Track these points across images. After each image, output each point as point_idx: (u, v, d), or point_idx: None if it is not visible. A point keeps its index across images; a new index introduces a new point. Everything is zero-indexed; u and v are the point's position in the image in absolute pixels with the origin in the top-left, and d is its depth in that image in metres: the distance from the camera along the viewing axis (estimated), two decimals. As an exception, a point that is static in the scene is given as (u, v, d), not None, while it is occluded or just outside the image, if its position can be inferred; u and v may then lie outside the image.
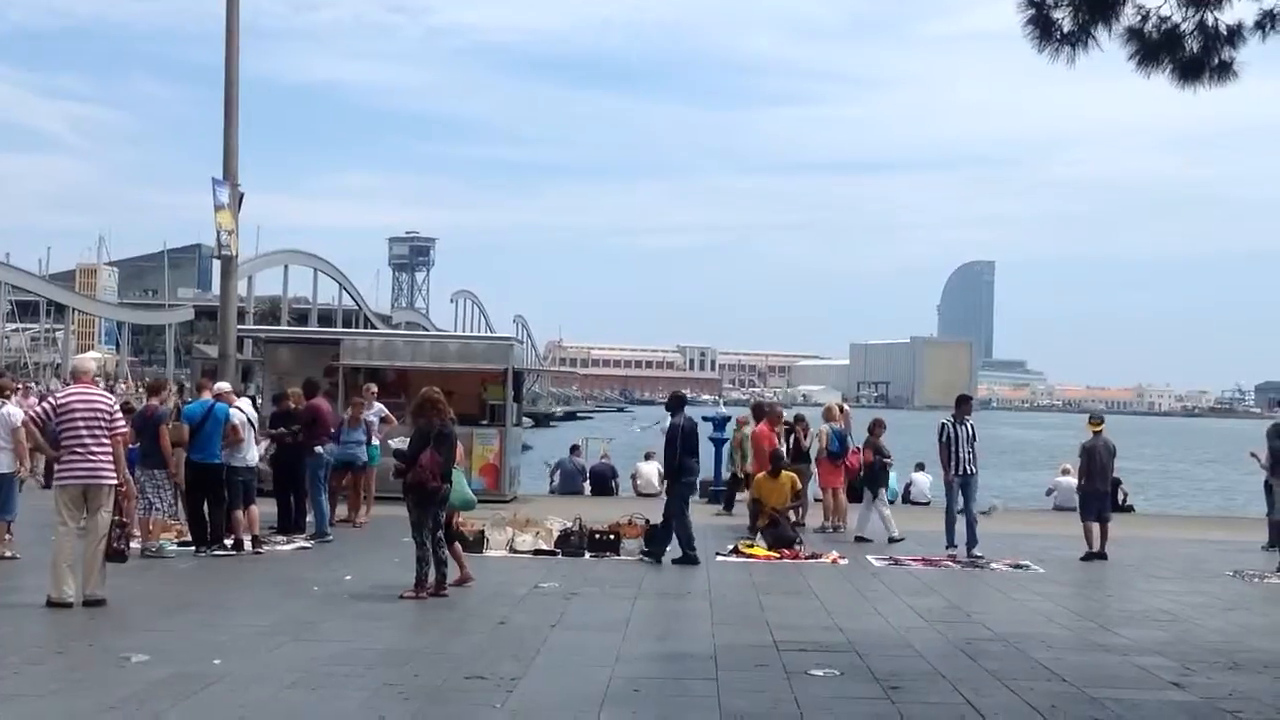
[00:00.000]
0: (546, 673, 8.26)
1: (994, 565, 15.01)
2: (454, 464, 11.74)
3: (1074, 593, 13.30)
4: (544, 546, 14.69)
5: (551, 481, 26.30)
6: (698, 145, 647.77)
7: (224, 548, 13.89)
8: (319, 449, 15.76)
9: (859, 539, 17.15)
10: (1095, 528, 15.86)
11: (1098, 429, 16.55)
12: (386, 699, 7.36)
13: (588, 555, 14.49)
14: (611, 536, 14.83)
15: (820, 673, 8.39)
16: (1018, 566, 15.00)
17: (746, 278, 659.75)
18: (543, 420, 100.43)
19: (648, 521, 15.27)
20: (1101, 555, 15.69)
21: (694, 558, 14.27)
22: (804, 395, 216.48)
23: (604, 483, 25.54)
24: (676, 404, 15.61)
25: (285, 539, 15.11)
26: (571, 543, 14.76)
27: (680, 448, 14.70)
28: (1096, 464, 16.17)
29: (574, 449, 27.42)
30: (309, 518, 15.60)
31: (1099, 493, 16.14)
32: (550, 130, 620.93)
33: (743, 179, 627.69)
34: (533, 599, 11.44)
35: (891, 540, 16.95)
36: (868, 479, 18.12)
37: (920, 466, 26.52)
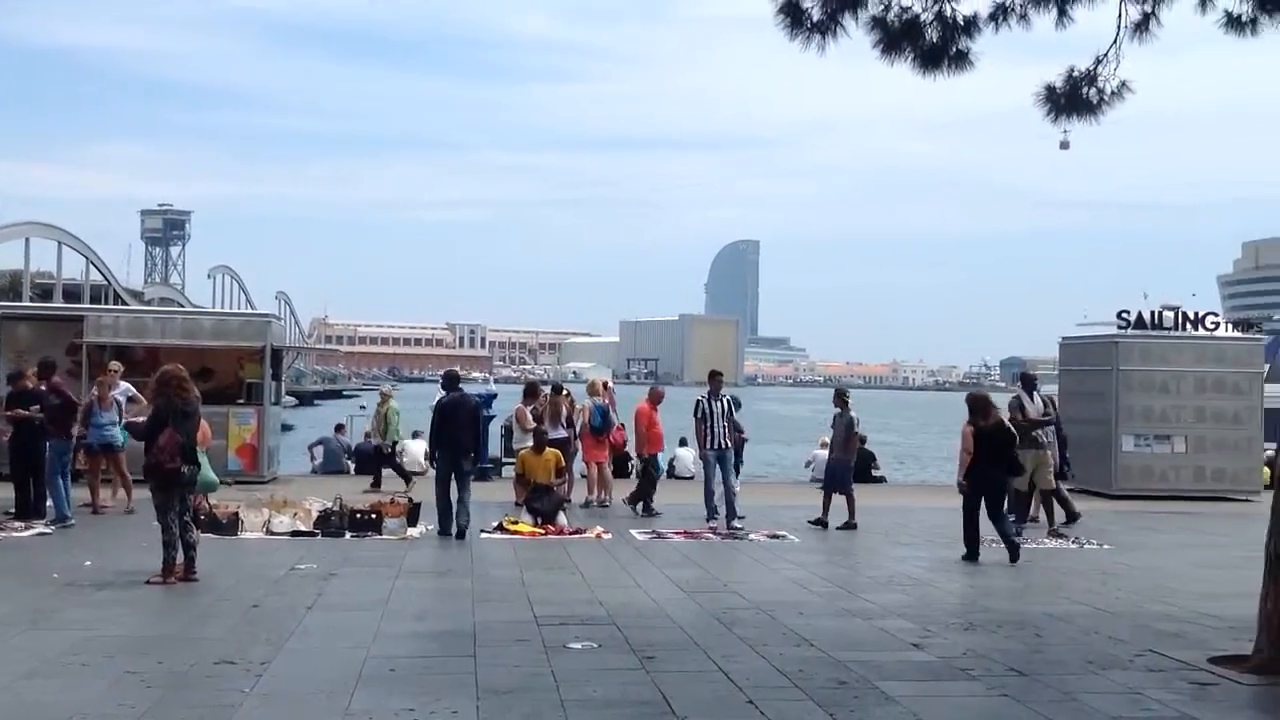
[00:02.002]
0: (300, 655, 8.10)
1: (752, 536, 15.42)
2: (197, 444, 11.34)
3: (826, 561, 13.78)
4: (302, 527, 14.37)
5: (313, 460, 25.74)
6: (467, 121, 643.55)
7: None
8: (72, 433, 15.09)
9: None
10: (839, 498, 16.51)
11: (845, 401, 17.20)
12: (128, 687, 7.09)
13: (349, 535, 14.24)
14: (373, 516, 14.60)
15: (579, 645, 8.47)
16: (775, 537, 15.45)
17: (518, 254, 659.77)
18: (307, 399, 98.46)
19: (410, 500, 15.12)
20: (850, 525, 16.29)
21: (449, 530, 14.65)
22: (575, 372, 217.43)
23: (368, 461, 25.08)
24: (451, 382, 15.90)
25: (24, 524, 14.35)
26: (332, 523, 14.47)
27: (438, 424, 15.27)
28: (840, 437, 16.90)
29: (339, 427, 26.88)
30: (49, 502, 14.84)
31: (844, 464, 16.78)
32: (314, 100, 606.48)
33: (514, 155, 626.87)
34: (289, 581, 11.18)
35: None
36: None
37: (683, 442, 26.98)
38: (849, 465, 17.11)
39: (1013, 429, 14.49)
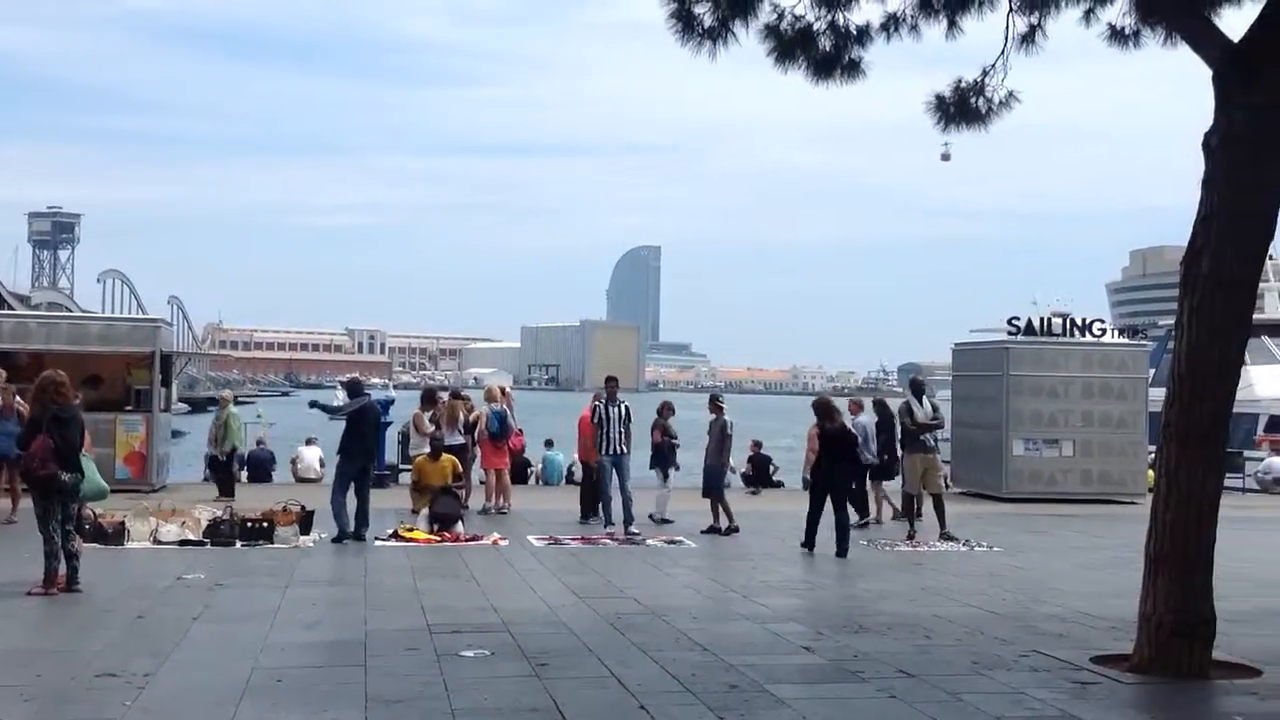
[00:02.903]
0: (184, 667, 7.93)
1: (650, 541, 15.45)
2: (80, 450, 11.04)
3: (721, 565, 13.84)
4: (191, 537, 14.08)
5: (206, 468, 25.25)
6: (364, 124, 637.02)
7: None
8: None
9: (662, 521, 17.23)
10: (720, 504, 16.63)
11: (720, 407, 17.34)
12: (5, 701, 6.88)
13: (239, 545, 13.99)
14: (265, 524, 14.37)
15: (471, 653, 8.41)
16: (672, 542, 15.49)
17: (418, 260, 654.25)
18: (200, 405, 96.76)
19: (303, 508, 14.91)
20: (734, 529, 16.41)
21: (346, 537, 14.58)
22: (475, 378, 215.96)
23: (261, 469, 24.74)
24: (355, 388, 16.07)
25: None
26: (222, 532, 14.21)
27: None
28: (714, 442, 17.02)
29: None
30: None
31: (719, 469, 16.98)
32: (205, 103, 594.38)
33: (413, 159, 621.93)
34: (175, 592, 10.95)
35: (654, 519, 17.18)
36: (656, 460, 18.00)
37: (586, 448, 26.99)
38: (723, 470, 17.25)
39: (854, 432, 15.96)
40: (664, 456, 17.61)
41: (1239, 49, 8.07)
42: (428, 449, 17.68)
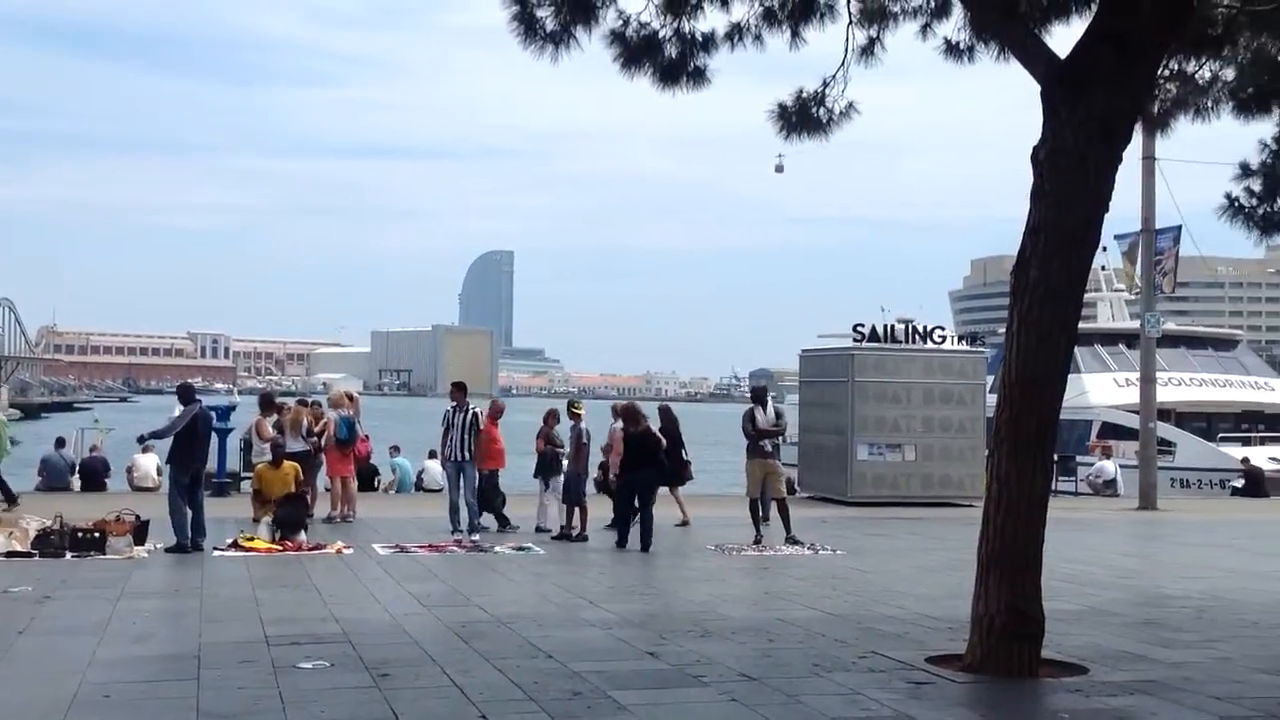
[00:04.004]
0: (6, 684, 7.62)
1: (498, 548, 15.35)
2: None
3: (569, 571, 13.82)
4: (18, 548, 13.55)
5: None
6: (211, 123, 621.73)
7: None
8: None
9: (539, 529, 17.06)
10: (576, 510, 16.63)
11: (578, 413, 17.38)
12: None
13: (70, 555, 13.50)
14: (96, 535, 13.88)
15: (309, 665, 8.23)
16: (520, 549, 15.42)
17: (265, 262, 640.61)
18: (33, 412, 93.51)
19: (138, 517, 14.44)
20: (582, 537, 16.41)
21: (186, 546, 14.30)
22: (324, 383, 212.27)
23: (95, 477, 23.92)
24: (187, 394, 15.56)
25: None
26: (51, 542, 13.70)
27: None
28: (572, 449, 17.08)
29: (59, 441, 25.45)
30: None
31: (577, 475, 16.97)
32: (40, 98, 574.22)
33: (261, 160, 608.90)
34: (-1, 605, 10.51)
35: (539, 530, 17.06)
36: (541, 468, 17.76)
37: (433, 454, 26.70)
38: (582, 476, 17.25)
39: (659, 436, 16.59)
40: (548, 465, 17.48)
41: (1065, 65, 8.34)
42: (270, 456, 17.31)
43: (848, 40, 10.23)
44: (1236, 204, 11.36)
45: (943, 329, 26.62)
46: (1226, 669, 8.68)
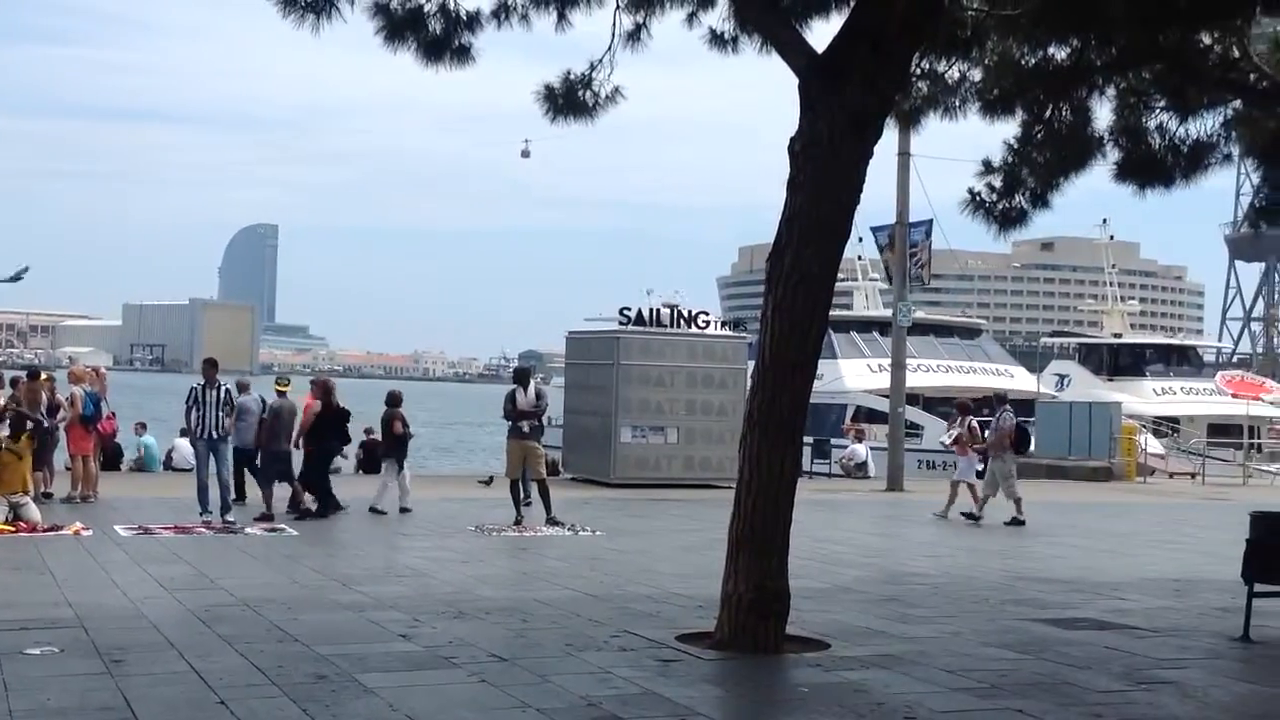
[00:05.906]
0: None
1: (249, 530, 14.91)
2: None
3: (324, 553, 13.53)
4: None
5: None
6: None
7: None
8: None
9: (373, 510, 16.68)
10: (273, 490, 16.36)
11: (283, 390, 17.32)
12: None
13: None
14: None
15: (37, 651, 7.82)
16: (273, 530, 15.02)
17: (6, 228, 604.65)
18: None
19: None
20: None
21: None
22: (70, 357, 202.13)
23: None
24: None
25: None
26: None
27: None
28: (281, 425, 16.80)
29: None
30: None
31: (283, 453, 16.77)
32: None
33: (1, 120, 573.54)
34: None
35: (403, 511, 16.84)
36: (388, 449, 17.46)
37: (184, 433, 25.72)
38: (288, 454, 16.99)
39: (346, 410, 17.35)
40: (403, 446, 17.59)
41: (821, 59, 8.57)
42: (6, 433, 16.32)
43: (615, 25, 10.26)
44: (978, 199, 11.87)
45: (707, 314, 27.11)
46: (957, 643, 9.11)
